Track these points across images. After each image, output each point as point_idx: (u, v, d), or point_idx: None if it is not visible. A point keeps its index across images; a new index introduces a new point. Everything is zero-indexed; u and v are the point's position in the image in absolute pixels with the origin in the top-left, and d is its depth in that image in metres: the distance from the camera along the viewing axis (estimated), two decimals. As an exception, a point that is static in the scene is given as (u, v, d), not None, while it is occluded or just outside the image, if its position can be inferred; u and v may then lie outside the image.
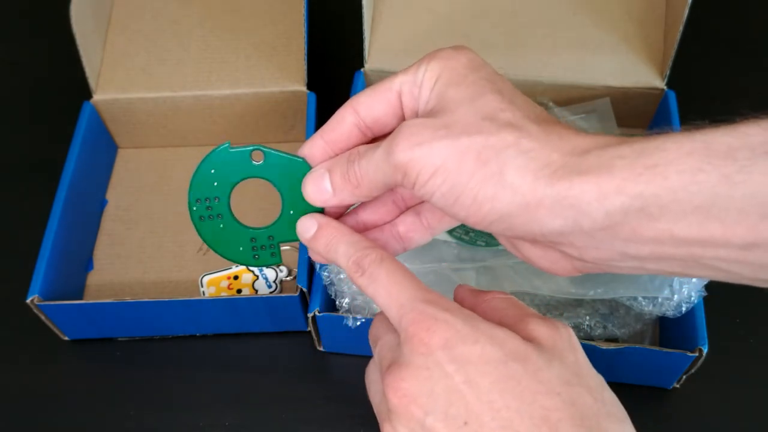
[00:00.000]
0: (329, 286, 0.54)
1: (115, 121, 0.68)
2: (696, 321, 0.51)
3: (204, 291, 0.61)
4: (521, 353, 0.30)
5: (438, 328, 0.30)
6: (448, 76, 0.34)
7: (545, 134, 0.31)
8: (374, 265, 0.33)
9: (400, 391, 0.30)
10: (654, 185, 0.28)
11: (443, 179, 0.31)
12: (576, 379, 0.30)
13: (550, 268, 0.34)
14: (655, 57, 0.63)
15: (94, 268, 0.63)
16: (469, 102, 0.32)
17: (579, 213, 0.29)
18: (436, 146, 0.31)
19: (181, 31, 0.69)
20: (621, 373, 0.55)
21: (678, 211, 0.28)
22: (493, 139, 0.31)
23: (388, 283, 0.32)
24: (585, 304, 0.55)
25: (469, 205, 0.31)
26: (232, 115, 0.68)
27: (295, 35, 0.67)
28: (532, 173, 0.30)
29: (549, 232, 0.31)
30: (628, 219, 0.29)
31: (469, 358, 0.29)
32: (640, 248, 0.30)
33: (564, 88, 0.64)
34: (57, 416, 0.57)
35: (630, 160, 0.29)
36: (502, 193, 0.30)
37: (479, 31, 0.66)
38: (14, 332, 0.61)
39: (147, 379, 0.58)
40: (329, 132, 0.36)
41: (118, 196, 0.68)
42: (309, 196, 0.36)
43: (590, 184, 0.29)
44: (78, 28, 0.60)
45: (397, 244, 0.38)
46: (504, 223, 0.31)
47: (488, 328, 0.30)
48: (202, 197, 0.38)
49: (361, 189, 0.35)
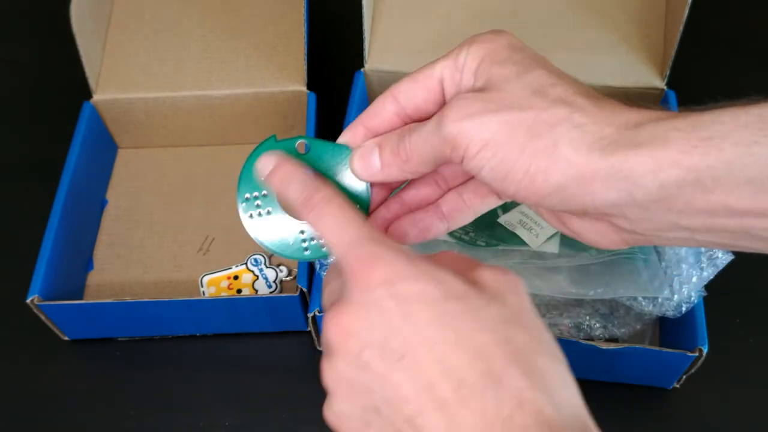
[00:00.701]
0: (329, 286, 0.54)
1: (115, 121, 0.68)
2: (696, 321, 0.51)
3: (204, 291, 0.61)
4: (461, 293, 0.30)
5: (380, 265, 0.30)
6: (491, 57, 0.34)
7: (597, 108, 0.31)
8: (323, 202, 0.33)
9: (339, 326, 0.30)
10: (709, 157, 0.28)
11: (493, 152, 0.31)
12: (515, 318, 0.30)
13: (598, 240, 0.34)
14: (655, 57, 0.63)
15: (94, 268, 0.63)
16: (517, 78, 0.32)
17: (633, 185, 0.29)
18: (486, 119, 0.31)
19: (181, 31, 0.69)
20: (621, 373, 0.55)
21: (732, 183, 0.28)
22: (545, 114, 0.31)
23: (335, 220, 0.32)
24: (585, 304, 0.55)
25: (520, 179, 0.31)
26: (232, 115, 0.68)
27: (295, 35, 0.67)
28: (586, 146, 0.30)
29: (602, 204, 0.31)
30: (683, 191, 0.29)
31: (409, 295, 0.29)
32: (693, 220, 0.30)
33: (564, 88, 0.63)
34: (57, 416, 0.57)
35: (685, 133, 0.29)
36: (556, 166, 0.30)
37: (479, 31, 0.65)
38: (14, 332, 0.61)
39: (147, 379, 0.58)
40: (370, 120, 0.37)
41: (118, 196, 0.68)
42: (356, 169, 0.36)
43: (645, 157, 0.29)
44: (78, 28, 0.60)
45: (441, 224, 0.38)
46: (557, 196, 0.31)
47: (430, 269, 0.30)
48: (251, 193, 0.38)
49: (410, 164, 0.35)
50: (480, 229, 0.54)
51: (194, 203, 0.67)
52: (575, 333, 0.55)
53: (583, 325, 0.55)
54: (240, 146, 0.70)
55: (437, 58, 0.35)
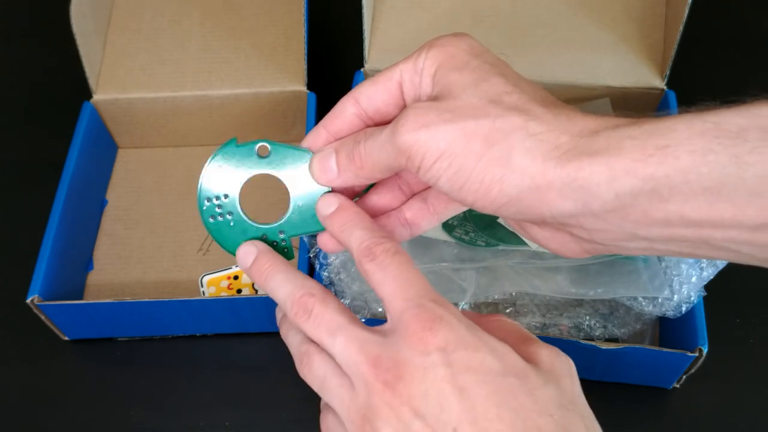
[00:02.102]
0: (329, 286, 0.54)
1: (115, 121, 0.68)
2: (696, 321, 0.51)
3: (204, 291, 0.61)
4: (520, 369, 0.29)
5: (441, 328, 0.29)
6: (450, 62, 0.33)
7: (553, 116, 0.31)
8: (387, 254, 0.32)
9: (396, 390, 0.28)
10: (665, 166, 0.28)
11: (449, 162, 0.31)
12: (571, 405, 0.29)
13: (559, 249, 0.34)
14: (655, 57, 0.63)
15: (94, 268, 0.63)
16: (474, 86, 0.32)
17: (589, 195, 0.29)
18: (441, 129, 0.31)
19: (181, 31, 0.69)
20: (621, 373, 0.55)
21: (688, 192, 0.28)
22: (500, 122, 0.30)
23: (397, 275, 0.31)
24: (585, 304, 0.55)
25: (477, 189, 0.31)
26: (232, 115, 0.68)
27: (295, 35, 0.67)
28: (541, 155, 0.30)
29: (559, 214, 0.30)
30: (639, 201, 0.28)
31: (468, 365, 0.28)
32: (650, 230, 0.29)
33: (564, 88, 0.63)
34: (57, 416, 0.57)
35: (640, 141, 0.28)
36: (511, 176, 0.30)
37: (479, 31, 0.66)
38: (14, 332, 0.61)
39: (147, 379, 0.58)
40: (331, 122, 0.36)
41: (118, 196, 0.68)
42: (315, 174, 0.36)
43: (600, 166, 0.29)
44: (78, 28, 0.60)
45: (404, 230, 0.38)
46: (513, 206, 0.31)
47: (491, 340, 0.29)
48: (212, 196, 0.38)
49: (365, 170, 0.34)
50: (480, 229, 0.54)
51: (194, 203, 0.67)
52: (575, 333, 0.55)
53: (583, 325, 0.55)
54: (240, 146, 0.70)
55: (398, 61, 0.35)
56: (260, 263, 0.36)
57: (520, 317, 0.55)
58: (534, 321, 0.55)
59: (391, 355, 0.29)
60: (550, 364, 0.30)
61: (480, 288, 0.54)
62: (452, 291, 0.54)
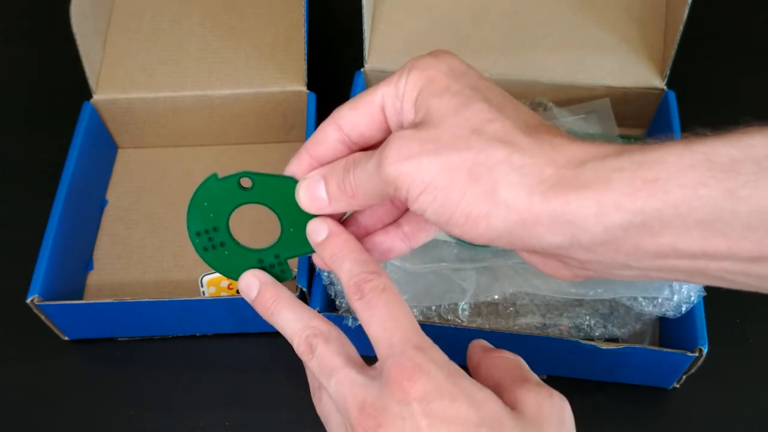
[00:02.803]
0: (329, 286, 0.54)
1: (115, 121, 0.68)
2: (696, 321, 0.51)
3: (204, 291, 0.61)
4: (496, 418, 0.29)
5: (420, 378, 0.29)
6: (430, 87, 0.32)
7: (538, 146, 0.30)
8: (374, 292, 0.32)
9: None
10: (655, 200, 0.27)
11: (434, 196, 0.30)
12: None
13: (552, 274, 0.34)
14: (655, 57, 0.63)
15: (94, 268, 0.63)
16: (455, 114, 0.31)
17: (577, 229, 0.29)
18: (425, 161, 0.30)
19: (181, 31, 0.69)
20: (621, 373, 0.55)
21: (680, 226, 0.27)
22: (482, 155, 0.30)
23: (383, 316, 0.32)
24: (585, 304, 0.55)
25: (463, 224, 0.30)
26: (232, 115, 0.68)
27: (295, 35, 0.67)
28: (526, 189, 0.29)
29: (548, 246, 0.30)
30: (629, 234, 0.28)
31: (443, 416, 0.29)
32: (642, 261, 0.29)
33: (564, 88, 0.64)
34: (57, 416, 0.57)
35: (629, 173, 0.28)
36: (497, 211, 0.29)
37: (479, 31, 0.66)
38: (14, 332, 0.61)
39: (147, 379, 0.58)
40: (314, 148, 0.36)
41: (118, 196, 0.68)
42: (303, 203, 0.36)
43: (588, 200, 0.28)
44: (78, 28, 0.60)
45: (403, 244, 0.37)
46: (503, 239, 0.30)
47: (470, 387, 0.30)
48: (201, 230, 0.37)
49: (357, 199, 0.34)
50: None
51: (194, 203, 0.67)
52: (575, 333, 0.55)
53: (583, 325, 0.55)
54: (240, 146, 0.70)
55: (378, 84, 0.34)
56: (264, 297, 0.37)
57: (520, 317, 0.55)
58: (534, 321, 0.55)
59: (374, 401, 0.30)
60: (535, 408, 0.30)
61: (480, 288, 0.54)
62: (452, 291, 0.54)
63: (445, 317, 0.55)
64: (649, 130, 0.66)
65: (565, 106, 0.64)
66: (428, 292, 0.54)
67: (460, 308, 0.55)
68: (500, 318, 0.55)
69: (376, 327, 0.32)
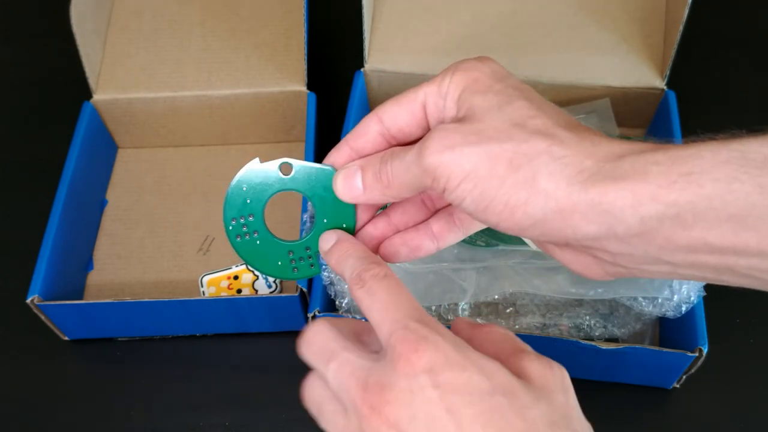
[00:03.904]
0: (329, 286, 0.54)
1: (115, 121, 0.68)
2: (696, 321, 0.51)
3: (204, 291, 0.61)
4: (509, 387, 0.29)
5: (427, 349, 0.29)
6: (474, 86, 0.34)
7: (577, 141, 0.31)
8: (375, 279, 0.33)
9: (383, 414, 0.28)
10: (689, 193, 0.28)
11: (474, 184, 0.31)
12: (563, 421, 0.29)
13: (582, 271, 0.34)
14: (655, 57, 0.63)
15: (94, 268, 0.63)
16: (498, 109, 0.32)
17: (613, 219, 0.29)
18: (467, 151, 0.31)
19: (181, 31, 0.69)
20: (621, 373, 0.55)
21: (712, 220, 0.28)
22: (524, 146, 0.31)
23: (385, 298, 0.32)
24: (585, 304, 0.55)
25: (501, 211, 0.31)
26: (232, 115, 0.68)
27: (295, 35, 0.67)
28: (566, 179, 0.30)
29: (583, 237, 0.30)
30: (663, 226, 0.29)
31: (455, 386, 0.28)
32: (674, 255, 0.29)
33: (564, 88, 0.64)
34: (57, 416, 0.57)
35: (665, 167, 0.29)
36: (535, 199, 0.30)
37: (479, 31, 0.66)
38: (14, 332, 0.61)
39: (147, 379, 0.58)
40: (355, 140, 0.37)
41: (118, 196, 0.68)
42: (339, 191, 0.36)
43: (625, 191, 0.29)
44: (78, 28, 0.60)
45: (431, 243, 0.38)
46: (537, 228, 0.31)
47: (478, 358, 0.29)
48: (237, 216, 0.38)
49: (392, 189, 0.35)
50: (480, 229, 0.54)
51: (194, 203, 0.67)
52: (575, 333, 0.55)
53: (583, 325, 0.55)
54: (240, 146, 0.70)
55: (422, 83, 0.35)
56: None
57: (520, 317, 0.55)
58: (534, 321, 0.55)
59: (379, 379, 0.29)
60: (542, 378, 0.30)
61: (480, 288, 0.54)
62: (452, 291, 0.54)
63: (445, 317, 0.55)
64: (649, 130, 0.66)
65: (566, 105, 0.64)
66: (428, 292, 0.54)
67: (460, 308, 0.55)
68: (500, 318, 0.55)
69: (377, 310, 0.31)
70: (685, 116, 0.61)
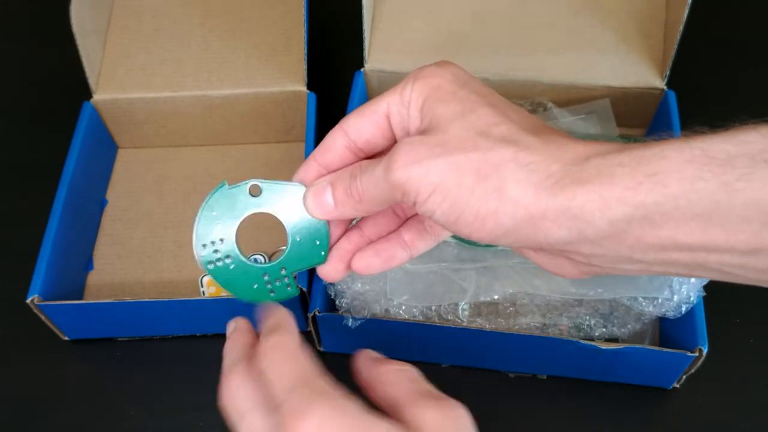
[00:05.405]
0: (329, 286, 0.54)
1: (115, 121, 0.68)
2: (696, 321, 0.51)
3: (204, 291, 0.61)
4: None
5: (312, 417, 0.30)
6: (436, 94, 0.34)
7: (543, 145, 0.31)
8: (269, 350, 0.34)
9: None
10: (655, 193, 0.28)
11: (443, 197, 0.31)
12: None
13: (558, 272, 0.34)
14: (655, 57, 0.63)
15: (94, 268, 0.63)
16: (461, 118, 0.32)
17: (583, 223, 0.29)
18: (433, 164, 0.31)
19: (181, 31, 0.69)
20: (621, 373, 0.55)
21: (679, 218, 0.28)
22: (490, 155, 0.31)
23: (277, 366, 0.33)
24: (585, 304, 0.55)
25: (472, 222, 0.31)
26: (232, 115, 0.68)
27: (295, 35, 0.67)
28: (533, 185, 0.30)
29: (555, 242, 0.31)
30: (632, 227, 0.29)
31: None
32: (645, 254, 0.30)
33: (564, 89, 0.64)
34: (57, 416, 0.57)
35: (630, 168, 0.29)
36: (505, 208, 0.30)
37: (479, 31, 0.66)
38: (14, 332, 0.61)
39: (147, 379, 0.58)
40: (322, 155, 0.37)
41: (118, 196, 0.68)
42: (310, 209, 0.36)
43: (592, 194, 0.29)
44: (78, 28, 0.60)
45: (403, 252, 0.38)
46: (509, 237, 0.31)
47: (365, 422, 0.30)
48: (208, 241, 0.37)
49: (363, 204, 0.35)
50: (480, 229, 0.54)
51: (194, 203, 0.66)
52: (575, 333, 0.55)
53: (583, 325, 0.55)
54: (240, 146, 0.70)
55: (384, 93, 0.35)
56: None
57: (520, 317, 0.55)
58: (534, 321, 0.55)
59: None
60: (435, 428, 0.30)
61: (480, 288, 0.54)
62: (452, 291, 0.54)
63: (445, 317, 0.55)
64: (649, 130, 0.66)
65: (566, 106, 0.64)
66: (428, 292, 0.54)
67: (460, 308, 0.55)
68: (500, 318, 0.55)
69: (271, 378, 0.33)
70: (685, 116, 0.61)
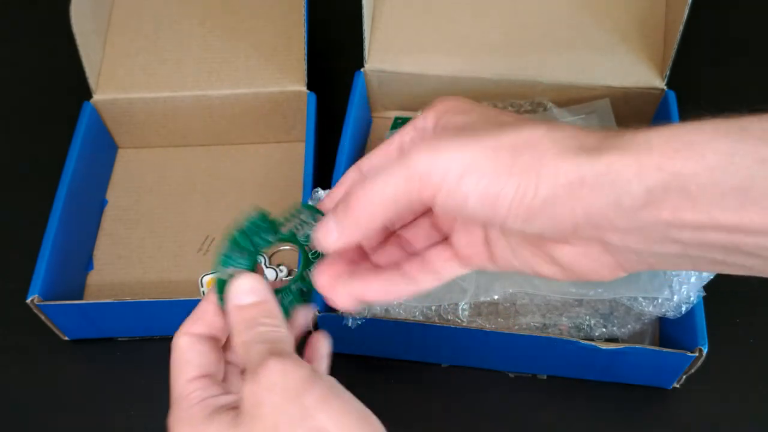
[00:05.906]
0: (329, 286, 0.54)
1: (115, 121, 0.68)
2: (696, 321, 0.51)
3: (204, 291, 0.61)
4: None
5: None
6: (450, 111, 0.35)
7: (571, 127, 0.32)
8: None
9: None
10: (692, 162, 0.28)
11: (477, 178, 0.30)
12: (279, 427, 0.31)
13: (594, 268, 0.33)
14: (655, 57, 0.63)
15: (94, 268, 0.63)
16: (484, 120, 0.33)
17: (620, 190, 0.29)
18: (463, 144, 0.30)
19: (181, 31, 0.69)
20: (621, 373, 0.55)
21: (716, 192, 0.28)
22: (524, 134, 0.31)
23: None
24: (585, 304, 0.55)
25: (512, 199, 0.30)
26: (232, 115, 0.68)
27: (295, 35, 0.67)
28: (572, 152, 0.30)
29: (593, 213, 0.30)
30: (668, 196, 0.29)
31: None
32: (682, 232, 0.29)
33: (564, 88, 0.63)
34: (57, 416, 0.57)
35: (666, 138, 0.29)
36: (545, 177, 0.30)
37: (479, 31, 0.66)
38: (14, 332, 0.61)
39: (147, 379, 0.58)
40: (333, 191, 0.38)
41: (118, 196, 0.68)
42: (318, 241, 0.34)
43: (630, 159, 0.29)
44: (78, 28, 0.60)
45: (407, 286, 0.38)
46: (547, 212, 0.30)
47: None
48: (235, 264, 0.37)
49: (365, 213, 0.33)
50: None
51: (194, 203, 0.67)
52: (575, 333, 0.55)
53: (583, 325, 0.55)
54: (240, 146, 0.70)
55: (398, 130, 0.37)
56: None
57: (520, 317, 0.55)
58: (534, 321, 0.55)
59: None
60: (250, 397, 0.32)
61: (480, 288, 0.54)
62: (452, 291, 0.54)
63: (445, 317, 0.55)
64: (649, 130, 0.66)
65: (566, 106, 0.64)
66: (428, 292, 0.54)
67: (460, 308, 0.55)
68: (500, 318, 0.55)
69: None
70: (685, 116, 0.60)
